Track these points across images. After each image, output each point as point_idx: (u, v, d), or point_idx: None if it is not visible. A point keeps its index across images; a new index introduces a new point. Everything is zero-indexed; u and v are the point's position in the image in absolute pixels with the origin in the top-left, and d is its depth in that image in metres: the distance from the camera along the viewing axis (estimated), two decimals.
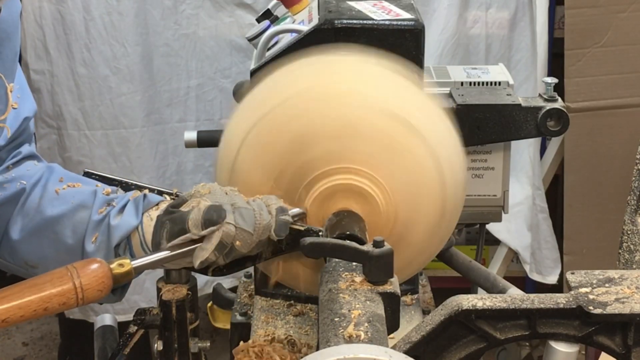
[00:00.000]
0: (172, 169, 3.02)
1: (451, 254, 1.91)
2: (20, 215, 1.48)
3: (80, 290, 1.27)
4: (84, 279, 1.28)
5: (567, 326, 1.25)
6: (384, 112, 1.45)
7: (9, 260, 1.52)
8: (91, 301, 1.30)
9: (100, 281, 1.29)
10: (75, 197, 1.48)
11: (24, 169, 1.52)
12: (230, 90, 2.51)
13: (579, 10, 2.94)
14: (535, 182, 3.06)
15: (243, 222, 1.38)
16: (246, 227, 1.38)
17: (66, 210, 1.46)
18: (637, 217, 1.62)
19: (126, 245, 1.45)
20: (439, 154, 1.46)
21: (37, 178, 1.50)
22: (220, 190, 1.43)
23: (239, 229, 1.37)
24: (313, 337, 1.62)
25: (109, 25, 2.82)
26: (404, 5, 1.69)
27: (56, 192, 1.48)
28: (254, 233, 1.38)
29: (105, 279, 1.30)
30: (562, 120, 1.77)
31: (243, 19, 2.94)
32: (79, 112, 2.89)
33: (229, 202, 1.40)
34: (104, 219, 1.45)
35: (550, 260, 3.15)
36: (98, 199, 1.48)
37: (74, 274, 1.28)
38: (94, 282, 1.29)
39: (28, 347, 3.61)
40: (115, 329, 1.73)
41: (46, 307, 1.26)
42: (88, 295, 1.28)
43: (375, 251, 1.27)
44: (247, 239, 1.38)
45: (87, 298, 1.28)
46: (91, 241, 1.44)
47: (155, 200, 1.48)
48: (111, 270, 1.31)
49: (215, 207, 1.37)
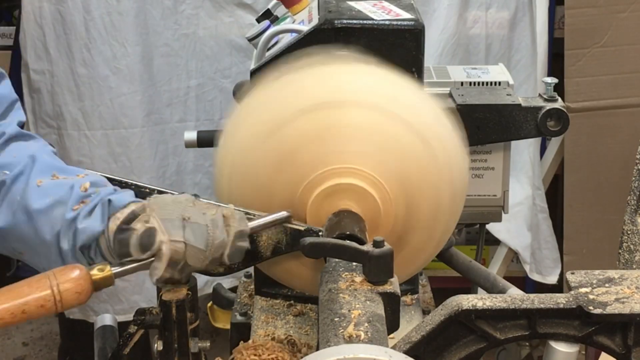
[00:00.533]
0: (172, 169, 3.02)
1: (451, 254, 1.91)
2: (5, 205, 1.47)
3: (57, 292, 1.29)
4: (62, 282, 1.29)
5: (567, 326, 1.25)
6: (380, 111, 1.45)
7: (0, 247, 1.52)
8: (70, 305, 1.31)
9: (79, 286, 1.31)
10: (54, 190, 1.46)
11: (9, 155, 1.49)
12: (230, 90, 2.51)
13: (579, 10, 2.94)
14: (535, 182, 3.06)
15: (194, 238, 1.36)
16: (196, 244, 1.36)
17: (44, 206, 1.44)
18: (637, 217, 1.62)
19: (96, 248, 1.43)
20: (439, 152, 1.47)
21: (20, 169, 1.47)
22: (171, 202, 1.41)
23: (189, 245, 1.36)
24: (313, 337, 1.62)
25: (109, 25, 2.82)
26: (404, 5, 1.69)
27: (37, 184, 1.46)
28: (206, 250, 1.36)
29: (83, 282, 1.31)
30: (562, 120, 1.77)
31: (243, 19, 2.94)
32: (79, 112, 2.89)
33: (181, 215, 1.38)
34: (75, 220, 1.44)
35: (550, 260, 3.15)
36: (74, 195, 1.45)
37: (51, 278, 1.29)
38: (73, 287, 1.30)
39: (28, 347, 3.61)
40: (115, 329, 1.72)
41: (24, 310, 1.27)
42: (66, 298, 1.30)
43: (375, 251, 1.27)
44: (200, 256, 1.37)
45: (65, 301, 1.30)
46: (66, 239, 1.44)
47: (122, 204, 1.44)
48: (91, 276, 1.33)
49: (149, 232, 1.36)
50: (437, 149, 1.46)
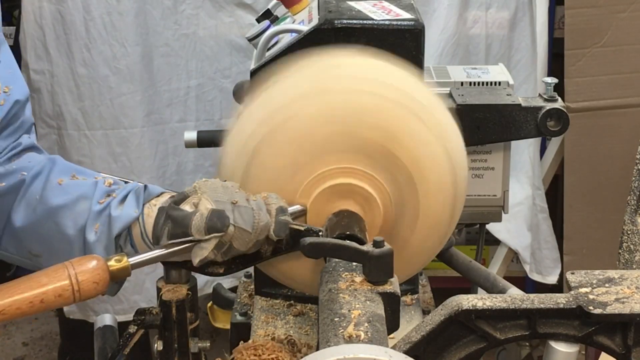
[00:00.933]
0: (172, 169, 3.02)
1: (451, 254, 1.90)
2: (23, 204, 1.48)
3: (75, 282, 1.29)
4: (81, 274, 1.30)
5: (567, 326, 1.25)
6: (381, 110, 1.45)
7: (13, 252, 1.52)
8: (88, 296, 1.31)
9: (97, 276, 1.31)
10: (76, 188, 1.48)
11: (25, 160, 1.52)
12: (230, 90, 2.51)
13: (579, 10, 2.94)
14: (535, 182, 3.06)
15: (242, 221, 1.38)
16: (245, 226, 1.38)
17: (67, 201, 1.47)
18: (637, 217, 1.62)
19: (127, 235, 1.45)
20: (442, 152, 1.46)
21: (39, 169, 1.50)
22: (220, 187, 1.43)
23: (237, 228, 1.37)
24: (313, 337, 1.62)
25: (109, 25, 2.82)
26: (404, 5, 1.69)
27: (59, 183, 1.49)
28: (252, 232, 1.38)
29: (102, 274, 1.31)
30: (562, 120, 1.77)
31: (243, 19, 2.94)
32: (79, 112, 2.89)
33: (229, 199, 1.40)
34: (105, 210, 1.46)
35: (550, 260, 3.15)
36: (99, 190, 1.48)
37: (69, 268, 1.30)
38: (91, 277, 1.30)
39: (28, 347, 3.61)
40: (115, 329, 1.73)
41: (42, 299, 1.27)
42: (84, 289, 1.30)
43: (375, 251, 1.27)
44: (246, 238, 1.38)
45: (83, 291, 1.30)
46: (92, 231, 1.45)
47: (156, 192, 1.48)
48: (108, 267, 1.33)
49: (219, 214, 1.37)
50: (441, 149, 1.46)
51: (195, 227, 1.37)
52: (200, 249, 1.38)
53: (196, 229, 1.37)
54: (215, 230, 1.36)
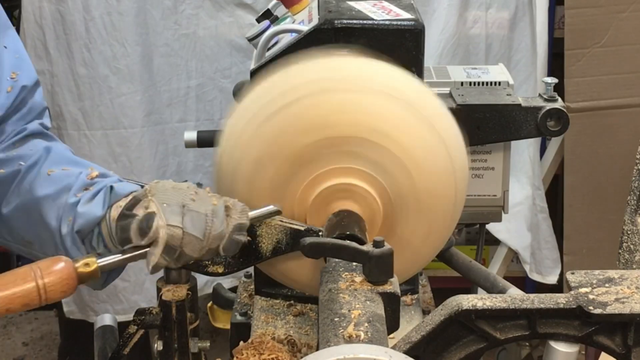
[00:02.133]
0: (172, 169, 3.02)
1: (451, 254, 1.90)
2: (15, 194, 1.49)
3: (43, 292, 1.28)
4: (48, 278, 1.29)
5: (567, 326, 1.25)
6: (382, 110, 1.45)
7: (9, 238, 1.53)
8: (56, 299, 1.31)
9: (65, 283, 1.30)
10: (62, 179, 1.48)
11: (27, 148, 1.52)
12: (230, 90, 2.51)
13: (579, 10, 2.94)
14: (535, 182, 3.06)
15: (192, 226, 1.35)
16: (194, 232, 1.35)
17: (52, 192, 1.46)
18: (637, 217, 1.62)
19: (99, 236, 1.44)
20: (442, 153, 1.46)
21: (35, 160, 1.50)
22: (171, 189, 1.40)
23: (186, 233, 1.35)
24: (313, 337, 1.62)
25: (109, 25, 2.82)
26: (404, 5, 1.69)
27: (48, 173, 1.48)
28: (203, 239, 1.36)
29: (69, 280, 1.31)
30: (562, 120, 1.77)
31: (243, 19, 2.94)
32: (79, 112, 2.89)
33: (181, 202, 1.37)
34: (76, 204, 1.45)
35: (550, 260, 3.15)
36: (78, 182, 1.47)
37: (37, 274, 1.29)
38: (58, 284, 1.30)
39: (28, 347, 3.61)
40: (115, 329, 1.72)
41: (8, 308, 1.27)
42: (51, 295, 1.29)
43: (375, 251, 1.27)
44: (196, 245, 1.36)
45: (50, 300, 1.29)
46: (65, 223, 1.44)
47: (124, 192, 1.46)
48: (76, 270, 1.32)
49: (148, 216, 1.35)
50: (441, 149, 1.46)
51: (133, 232, 1.36)
52: (150, 254, 1.37)
53: (134, 233, 1.36)
54: (145, 233, 1.35)
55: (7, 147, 1.51)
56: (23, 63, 1.54)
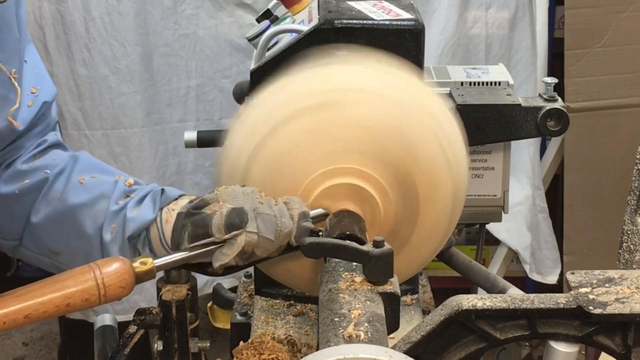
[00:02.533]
0: (172, 169, 3.02)
1: (451, 254, 1.90)
2: (44, 203, 1.49)
3: (102, 287, 1.28)
4: (106, 276, 1.28)
5: (567, 326, 1.25)
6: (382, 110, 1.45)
7: (33, 249, 1.53)
8: (113, 299, 1.30)
9: (122, 278, 1.30)
10: (97, 187, 1.49)
11: (49, 158, 1.53)
12: (230, 90, 2.50)
13: (579, 10, 2.94)
14: (535, 182, 3.06)
15: (265, 229, 1.37)
16: (268, 234, 1.37)
17: (87, 200, 1.47)
18: (637, 217, 1.62)
19: (145, 239, 1.45)
20: (442, 152, 1.46)
21: (62, 167, 1.51)
22: (241, 194, 1.41)
23: (260, 236, 1.36)
24: (313, 337, 1.62)
25: (109, 25, 2.82)
26: (404, 5, 1.69)
27: (79, 181, 1.49)
28: (275, 240, 1.37)
29: (127, 277, 1.30)
30: (562, 120, 1.77)
31: (243, 19, 2.94)
32: (79, 112, 2.89)
33: (251, 206, 1.39)
34: (122, 210, 1.46)
35: (550, 260, 3.15)
36: (118, 190, 1.48)
37: (96, 271, 1.28)
38: (116, 279, 1.29)
39: (28, 347, 3.61)
40: (115, 329, 1.73)
41: (68, 303, 1.26)
42: (110, 293, 1.29)
43: (375, 251, 1.27)
44: (268, 246, 1.38)
45: (109, 295, 1.29)
46: (109, 231, 1.45)
47: (174, 195, 1.48)
48: (133, 269, 1.32)
49: (238, 211, 1.36)
50: (441, 149, 1.46)
51: (215, 226, 1.36)
52: (222, 254, 1.37)
53: (216, 227, 1.36)
54: (234, 228, 1.35)
55: (28, 159, 1.52)
56: (43, 78, 1.56)
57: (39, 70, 1.55)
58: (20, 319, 1.24)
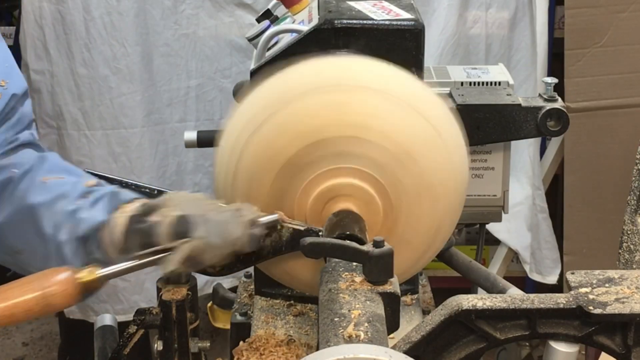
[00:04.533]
0: (172, 169, 3.02)
1: (451, 254, 1.90)
2: (8, 201, 1.48)
3: (44, 298, 1.29)
4: (50, 287, 1.30)
5: (567, 326, 1.25)
6: (382, 112, 1.45)
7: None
8: (58, 309, 1.32)
9: (67, 291, 1.31)
10: (58, 187, 1.47)
11: (19, 157, 1.52)
12: (230, 90, 2.51)
13: (579, 10, 2.94)
14: (535, 182, 3.06)
15: (212, 235, 1.36)
16: (214, 241, 1.37)
17: (47, 199, 1.46)
18: (637, 217, 1.62)
19: (98, 242, 1.44)
20: (441, 153, 1.46)
21: (28, 167, 1.50)
22: (190, 199, 1.42)
23: (207, 243, 1.36)
24: (313, 337, 1.62)
25: (109, 25, 2.82)
26: (404, 5, 1.69)
27: (43, 181, 1.48)
28: (222, 246, 1.37)
29: (71, 289, 1.31)
30: (562, 120, 1.77)
31: (243, 19, 2.94)
32: (79, 112, 2.89)
33: (199, 212, 1.39)
34: (77, 211, 1.44)
35: (550, 260, 3.15)
36: (77, 190, 1.47)
37: (42, 282, 1.30)
38: (60, 291, 1.30)
39: (28, 347, 3.61)
40: (115, 329, 1.73)
41: (12, 314, 1.28)
42: (54, 303, 1.30)
43: (375, 251, 1.27)
44: (216, 252, 1.37)
45: (52, 306, 1.30)
46: (64, 231, 1.44)
47: (127, 199, 1.46)
48: (78, 280, 1.32)
49: (185, 219, 1.37)
50: (440, 149, 1.46)
51: (163, 234, 1.36)
52: (169, 261, 1.37)
53: (164, 235, 1.36)
54: (182, 235, 1.35)
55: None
56: (12, 71, 1.55)
57: (9, 65, 1.54)
58: None
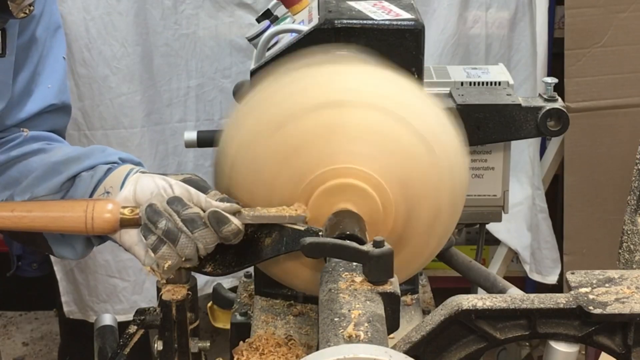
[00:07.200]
0: (172, 169, 3.02)
1: (451, 254, 1.91)
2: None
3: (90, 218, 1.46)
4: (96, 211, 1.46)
5: (567, 326, 1.25)
6: (383, 113, 1.45)
7: None
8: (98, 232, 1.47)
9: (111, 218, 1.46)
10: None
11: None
12: (230, 90, 2.51)
13: (579, 10, 2.94)
14: (535, 182, 3.06)
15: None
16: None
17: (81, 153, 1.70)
18: (637, 217, 1.62)
19: None
20: (440, 154, 1.46)
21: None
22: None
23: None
24: (313, 337, 1.62)
25: (109, 25, 2.82)
26: (404, 5, 1.69)
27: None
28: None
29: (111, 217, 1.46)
30: (562, 120, 1.77)
31: (243, 19, 2.94)
32: (78, 112, 2.89)
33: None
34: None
35: (550, 260, 3.15)
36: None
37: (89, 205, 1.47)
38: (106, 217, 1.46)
39: (28, 347, 3.61)
40: (115, 329, 1.73)
41: (63, 217, 1.47)
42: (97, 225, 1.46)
43: (375, 251, 1.27)
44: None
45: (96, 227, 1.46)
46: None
47: None
48: (121, 213, 1.46)
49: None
50: (439, 150, 1.46)
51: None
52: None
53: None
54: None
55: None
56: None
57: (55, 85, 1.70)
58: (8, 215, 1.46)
